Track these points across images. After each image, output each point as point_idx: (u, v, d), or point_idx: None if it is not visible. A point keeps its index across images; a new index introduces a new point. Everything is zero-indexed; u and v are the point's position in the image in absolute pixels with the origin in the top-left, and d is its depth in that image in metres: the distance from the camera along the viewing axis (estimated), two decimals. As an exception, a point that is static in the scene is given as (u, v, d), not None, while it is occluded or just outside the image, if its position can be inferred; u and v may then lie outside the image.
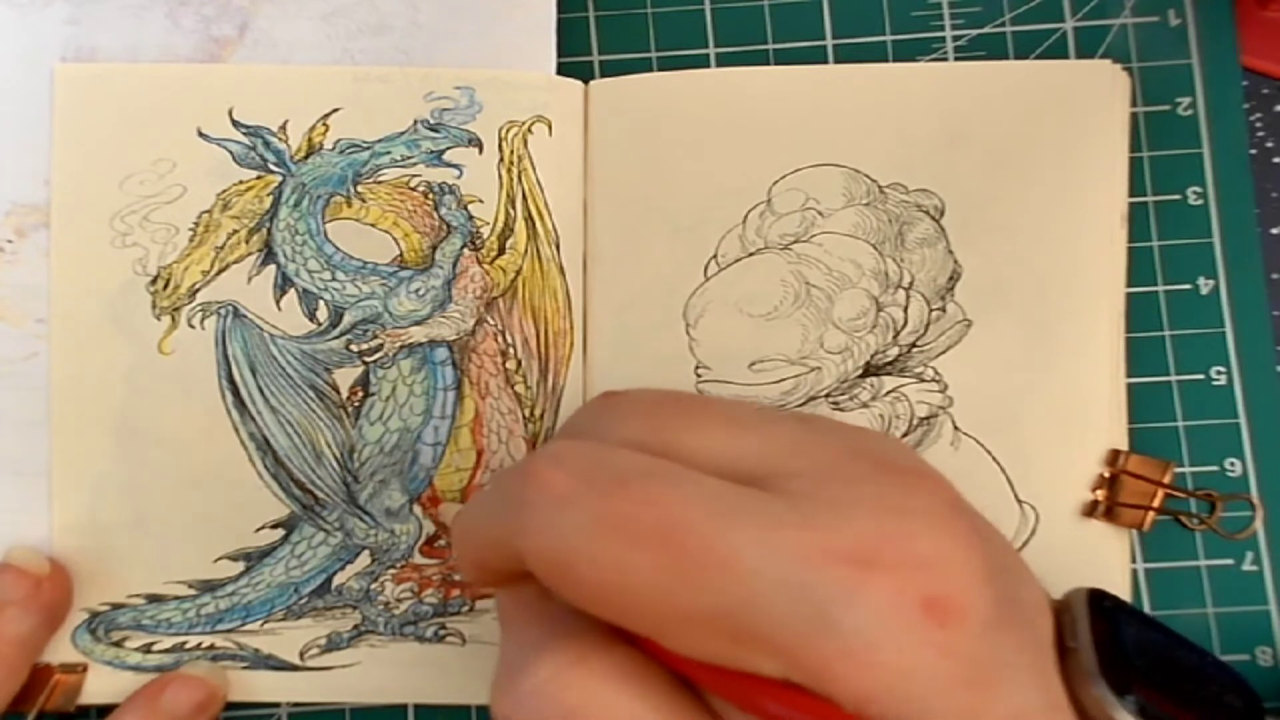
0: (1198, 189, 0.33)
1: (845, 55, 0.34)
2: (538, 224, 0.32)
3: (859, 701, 0.17)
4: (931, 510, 0.19)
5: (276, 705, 0.33)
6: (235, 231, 0.32)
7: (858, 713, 0.17)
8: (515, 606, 0.22)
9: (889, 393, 0.32)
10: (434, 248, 0.32)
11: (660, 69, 0.34)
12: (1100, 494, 0.31)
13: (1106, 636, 0.20)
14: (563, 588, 0.19)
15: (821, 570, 0.17)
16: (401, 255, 0.32)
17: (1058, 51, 0.34)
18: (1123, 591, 0.31)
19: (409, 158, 0.32)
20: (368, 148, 0.32)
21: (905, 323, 0.32)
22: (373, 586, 0.32)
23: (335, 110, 0.32)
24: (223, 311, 0.32)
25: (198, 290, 0.32)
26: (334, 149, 0.32)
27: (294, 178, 0.32)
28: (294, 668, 0.32)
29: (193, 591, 0.32)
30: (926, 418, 0.32)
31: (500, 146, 0.32)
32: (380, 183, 0.32)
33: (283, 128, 0.32)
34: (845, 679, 0.17)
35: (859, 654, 0.17)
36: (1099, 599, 0.21)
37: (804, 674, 0.17)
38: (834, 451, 0.20)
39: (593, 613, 0.19)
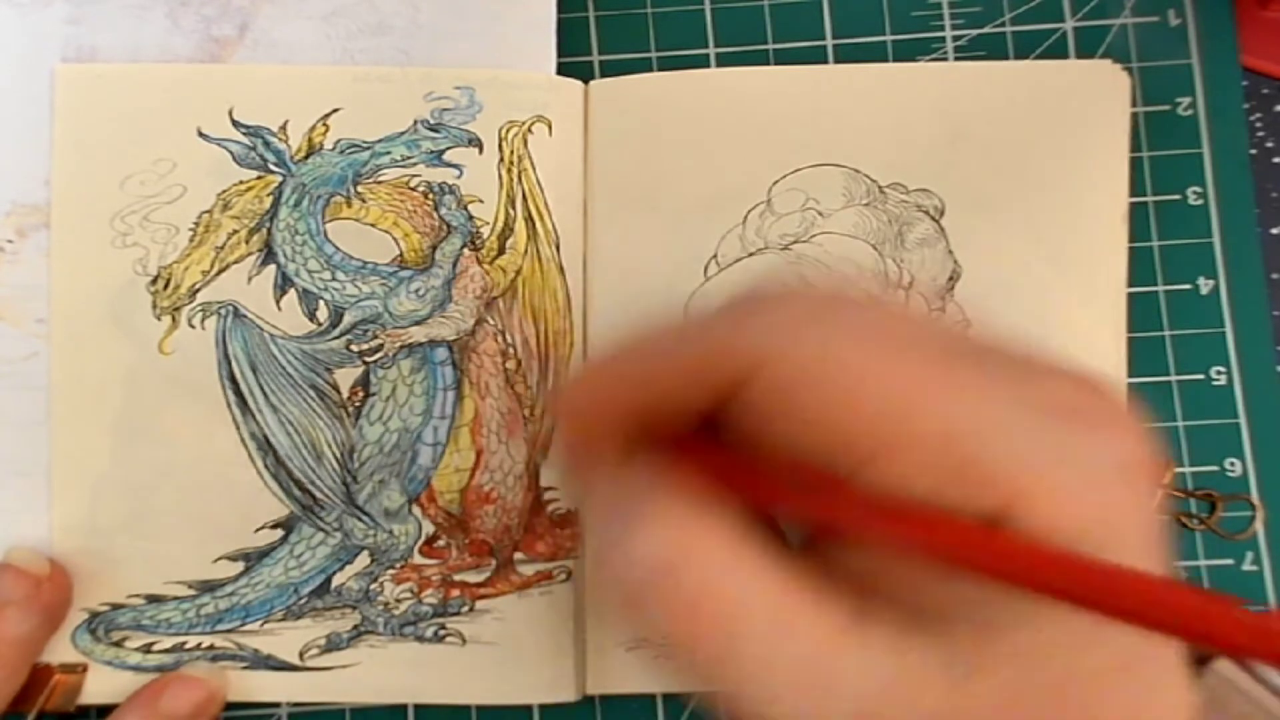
0: (1198, 189, 0.33)
1: (845, 55, 0.34)
2: (538, 224, 0.32)
3: (1073, 535, 0.17)
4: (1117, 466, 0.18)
5: (276, 705, 0.33)
6: (235, 231, 0.32)
7: (1064, 547, 0.17)
8: (612, 481, 0.21)
9: (889, 393, 0.32)
10: (434, 248, 0.32)
11: (660, 69, 0.34)
12: (1100, 494, 0.31)
13: None
14: (801, 403, 0.18)
15: (1048, 417, 0.17)
16: (401, 255, 0.32)
17: (1058, 51, 0.34)
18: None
19: (409, 158, 0.32)
20: (368, 148, 0.32)
21: (905, 323, 0.32)
22: (372, 587, 0.32)
23: (335, 110, 0.32)
24: (223, 311, 0.32)
25: (198, 290, 0.32)
26: (334, 149, 0.32)
27: (294, 178, 0.32)
28: (294, 668, 0.32)
29: (192, 592, 0.32)
30: (926, 418, 0.32)
31: (500, 146, 0.32)
32: (380, 183, 0.32)
33: (283, 128, 0.32)
34: (1067, 511, 0.17)
35: (1082, 489, 0.17)
36: None
37: (1024, 505, 0.17)
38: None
39: (811, 437, 0.18)
